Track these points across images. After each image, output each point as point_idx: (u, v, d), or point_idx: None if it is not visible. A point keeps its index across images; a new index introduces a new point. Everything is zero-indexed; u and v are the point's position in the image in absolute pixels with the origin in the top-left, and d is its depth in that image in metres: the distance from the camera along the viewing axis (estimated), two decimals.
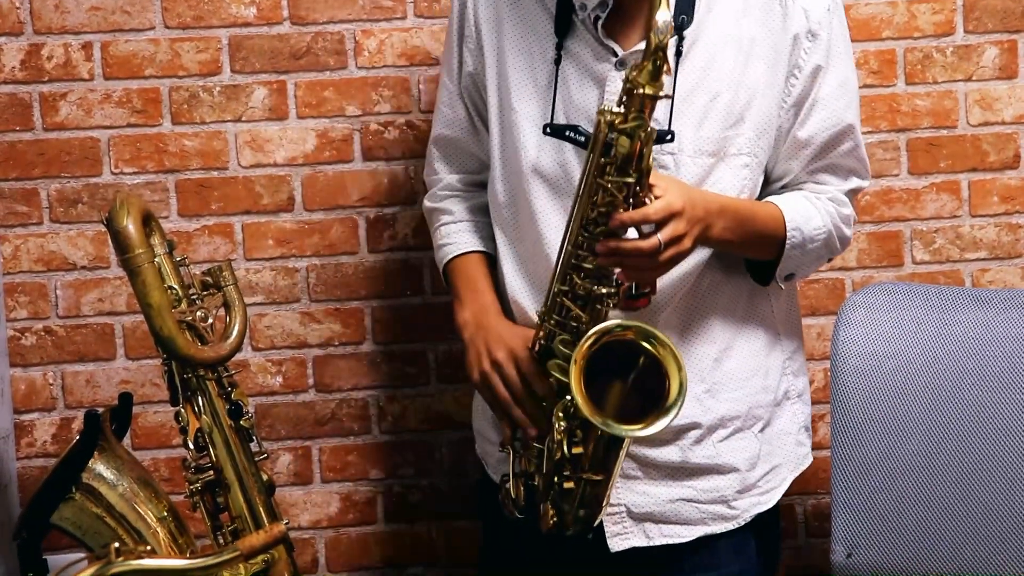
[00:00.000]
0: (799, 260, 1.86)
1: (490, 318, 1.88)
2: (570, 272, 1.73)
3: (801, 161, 1.87)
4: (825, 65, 1.83)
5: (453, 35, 1.96)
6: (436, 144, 2.02)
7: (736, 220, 1.78)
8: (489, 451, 1.96)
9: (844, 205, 1.90)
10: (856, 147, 1.89)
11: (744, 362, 1.88)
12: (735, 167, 1.81)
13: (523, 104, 1.85)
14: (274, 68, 2.34)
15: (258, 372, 2.37)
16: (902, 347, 2.08)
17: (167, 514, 1.83)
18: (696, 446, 1.85)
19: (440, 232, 2.00)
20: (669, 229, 1.68)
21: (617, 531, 1.86)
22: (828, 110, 1.85)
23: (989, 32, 2.38)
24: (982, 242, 2.42)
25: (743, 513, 1.88)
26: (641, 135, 1.64)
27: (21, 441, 2.35)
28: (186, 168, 2.34)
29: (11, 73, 2.31)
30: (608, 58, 1.80)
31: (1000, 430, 2.01)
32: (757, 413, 1.89)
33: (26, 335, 2.34)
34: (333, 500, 2.40)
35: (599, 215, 1.69)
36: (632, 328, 1.71)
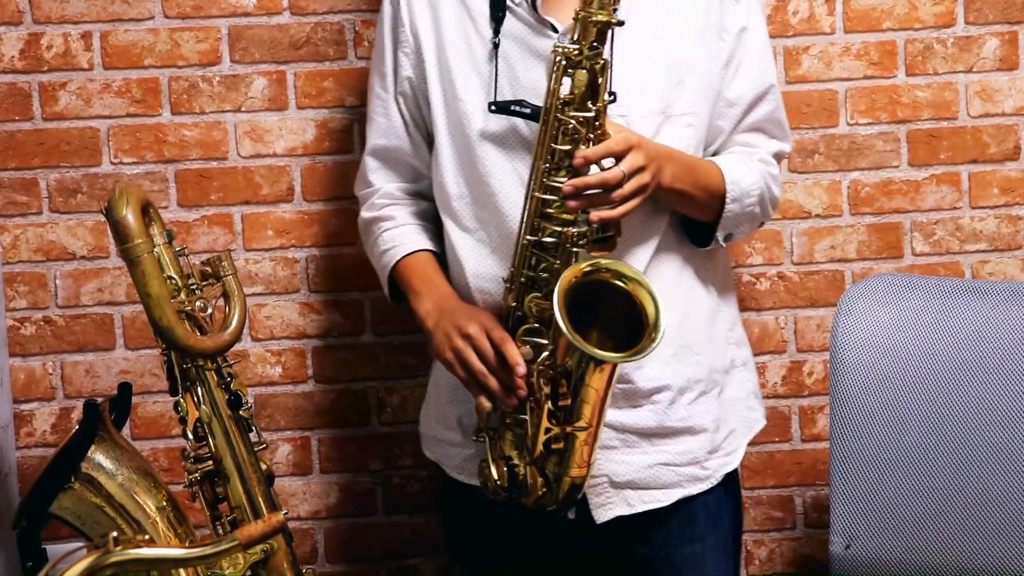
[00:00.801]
0: (737, 217, 1.92)
1: (452, 302, 1.90)
2: (538, 220, 1.78)
3: (730, 120, 1.95)
4: (748, 27, 1.93)
5: (386, 42, 1.97)
6: (373, 155, 2.02)
7: (684, 167, 1.85)
8: (451, 453, 1.98)
9: (772, 165, 1.98)
10: (777, 107, 1.99)
11: (700, 329, 1.95)
12: (680, 127, 1.89)
13: (469, 93, 1.88)
14: (274, 58, 2.33)
15: (257, 362, 2.37)
16: (902, 339, 2.08)
17: (166, 504, 1.84)
18: (670, 408, 1.91)
19: (383, 238, 2.00)
20: (629, 159, 1.74)
21: (601, 502, 1.90)
22: (753, 70, 1.94)
23: (990, 23, 2.38)
24: (982, 234, 2.41)
25: (715, 473, 1.96)
26: (597, 66, 1.73)
27: (20, 431, 2.35)
28: (185, 158, 2.34)
29: (10, 63, 2.30)
30: (548, 33, 1.86)
31: (999, 421, 2.01)
32: (715, 378, 1.96)
33: (25, 325, 2.34)
34: (332, 491, 2.40)
35: (561, 156, 1.76)
36: (606, 267, 1.77)
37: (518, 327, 1.82)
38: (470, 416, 1.91)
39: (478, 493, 1.89)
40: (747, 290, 2.41)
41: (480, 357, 1.81)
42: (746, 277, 2.41)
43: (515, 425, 1.83)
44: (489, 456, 1.85)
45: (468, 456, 1.94)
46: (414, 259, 1.97)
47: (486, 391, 1.82)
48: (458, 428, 1.96)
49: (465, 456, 1.95)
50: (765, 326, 2.41)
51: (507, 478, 1.84)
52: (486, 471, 1.85)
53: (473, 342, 1.82)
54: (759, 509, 2.44)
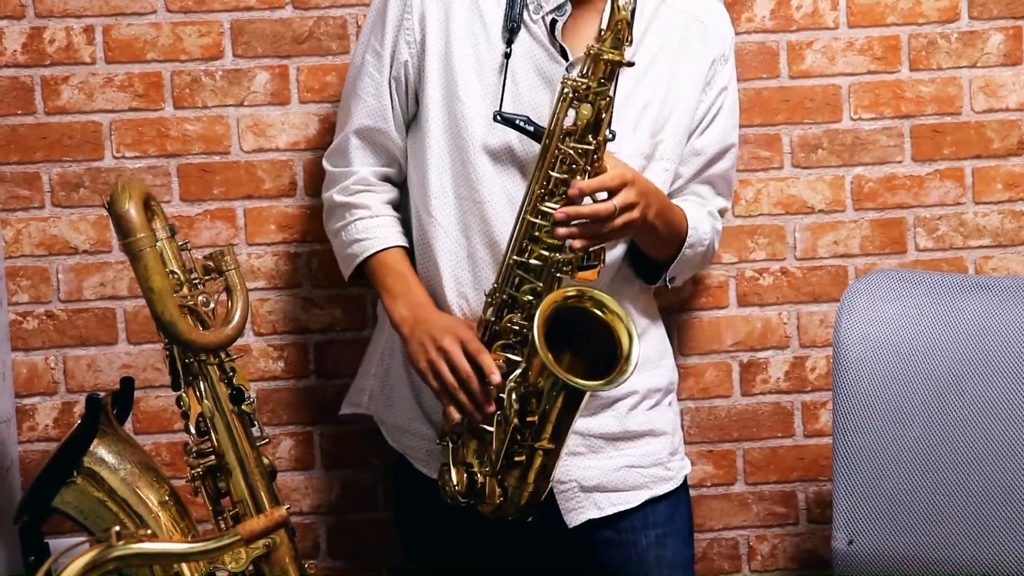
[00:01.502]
0: (689, 260, 2.02)
1: (428, 311, 1.93)
2: (526, 242, 1.83)
3: (691, 168, 2.03)
4: (727, 87, 2.03)
5: (388, 24, 1.96)
6: (358, 134, 2.02)
7: (663, 207, 1.92)
8: (416, 445, 2.01)
9: (717, 220, 2.08)
10: (732, 167, 2.09)
11: (655, 344, 2.07)
12: (658, 171, 1.96)
13: (471, 97, 1.91)
14: (276, 52, 2.33)
15: (260, 357, 2.37)
16: (905, 334, 2.07)
17: (168, 498, 1.84)
18: (631, 413, 1.99)
19: (356, 226, 2.01)
20: (622, 196, 1.81)
21: (571, 506, 1.96)
22: (721, 126, 2.03)
23: (994, 18, 2.38)
24: (985, 229, 2.41)
25: (677, 474, 2.06)
26: (602, 102, 1.78)
27: (23, 425, 2.35)
28: (188, 152, 2.34)
29: (13, 57, 2.30)
30: (559, 59, 1.90)
31: (1002, 417, 2.01)
32: (670, 388, 2.06)
33: (28, 319, 2.34)
34: (334, 486, 2.40)
35: (557, 184, 1.80)
36: (587, 295, 1.84)
37: (494, 341, 1.86)
38: (438, 409, 1.93)
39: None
40: (750, 285, 2.40)
41: (452, 369, 1.84)
42: (749, 272, 2.40)
43: (480, 433, 1.86)
44: (450, 460, 1.88)
45: (434, 450, 1.96)
46: (388, 256, 1.98)
47: (456, 404, 1.85)
48: (429, 422, 1.99)
49: (430, 450, 1.97)
50: (768, 321, 2.41)
51: (465, 485, 1.86)
52: (446, 475, 1.89)
53: (447, 355, 1.85)
54: (762, 505, 2.43)
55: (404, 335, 1.93)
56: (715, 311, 2.40)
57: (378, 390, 2.09)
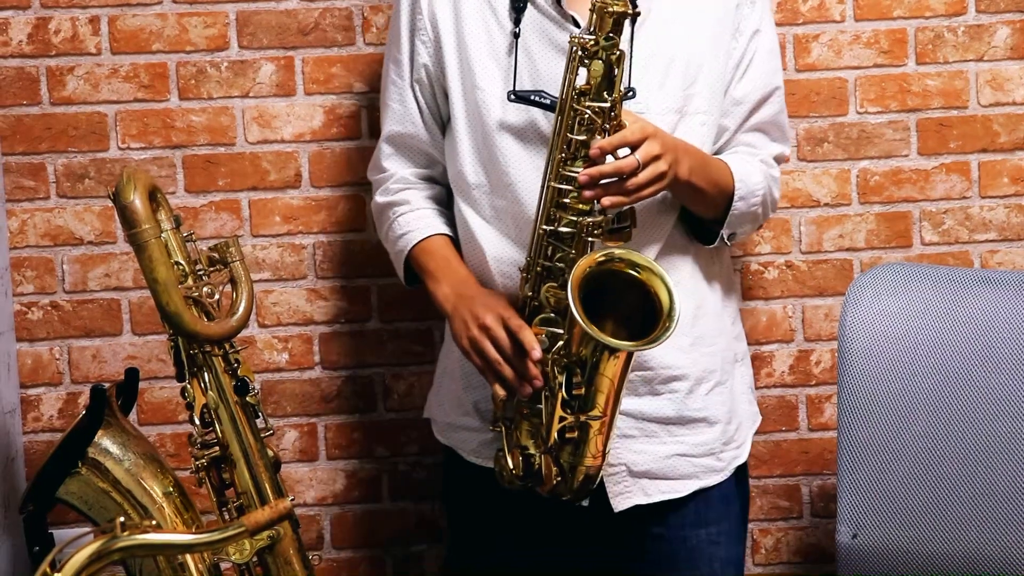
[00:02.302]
0: (742, 216, 1.94)
1: (470, 288, 1.91)
2: (554, 209, 1.80)
3: (735, 119, 1.96)
4: (760, 28, 1.96)
5: (402, 29, 1.97)
6: (388, 142, 2.03)
7: (699, 163, 1.87)
8: (467, 438, 1.99)
9: (773, 167, 2.01)
10: (781, 110, 2.01)
11: (712, 320, 1.98)
12: (694, 125, 1.91)
13: (488, 82, 1.89)
14: (281, 44, 2.33)
15: (264, 349, 2.37)
16: (910, 328, 2.07)
17: (173, 489, 1.84)
18: (688, 397, 1.94)
19: (399, 223, 2.01)
20: (645, 148, 1.75)
21: (619, 490, 1.92)
22: (761, 71, 1.96)
23: (1001, 12, 2.37)
24: (991, 223, 2.41)
25: (728, 465, 1.99)
26: (613, 57, 1.74)
27: (27, 416, 2.35)
28: (193, 144, 2.34)
29: (18, 47, 2.30)
30: (569, 27, 1.86)
31: (1007, 412, 2.01)
32: (726, 368, 2.00)
33: (33, 310, 2.34)
34: (339, 477, 2.40)
35: (577, 146, 1.76)
36: (621, 257, 1.79)
37: (534, 316, 1.83)
38: (486, 402, 1.92)
39: (492, 475, 1.90)
40: (755, 279, 2.40)
41: (496, 346, 1.82)
42: (754, 266, 2.40)
43: (531, 415, 1.84)
44: (505, 445, 1.86)
45: (485, 440, 1.95)
46: (430, 243, 1.98)
47: (501, 380, 1.83)
48: (475, 414, 1.97)
49: (482, 440, 1.96)
50: (773, 315, 2.40)
51: (522, 467, 1.84)
52: (502, 460, 1.86)
53: (489, 332, 1.83)
54: (766, 498, 2.43)
55: (448, 313, 1.92)
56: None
57: (435, 391, 2.09)
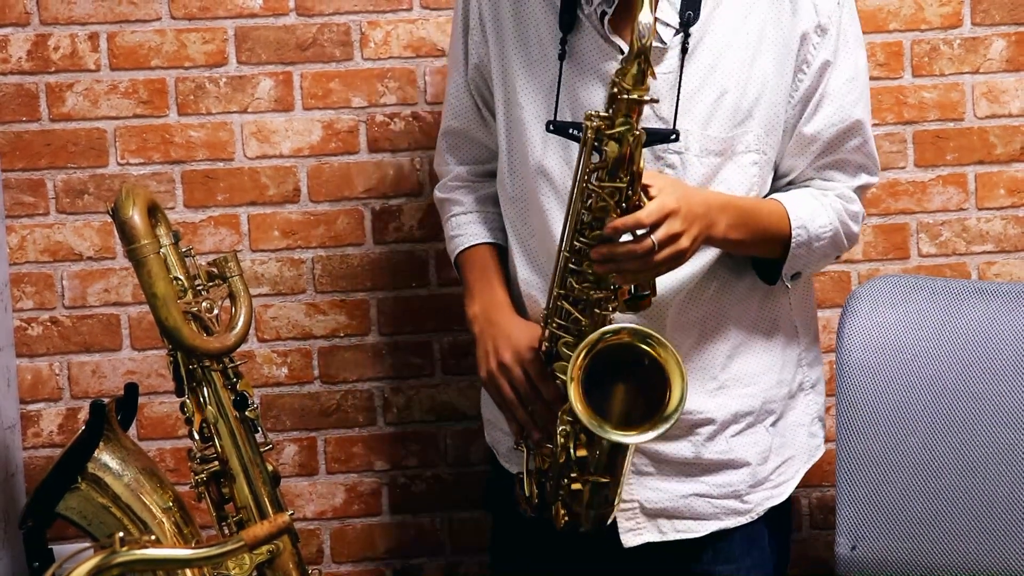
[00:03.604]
0: (805, 259, 1.85)
1: (500, 314, 1.88)
2: (568, 276, 1.73)
3: (807, 158, 1.85)
4: (833, 60, 1.81)
5: (458, 26, 1.95)
6: (445, 135, 2.02)
7: (741, 217, 1.76)
8: (500, 439, 1.96)
9: (852, 202, 1.88)
10: (865, 143, 1.87)
11: (758, 358, 1.87)
12: (743, 164, 1.80)
13: (528, 101, 1.84)
14: (280, 59, 2.34)
15: (263, 363, 2.38)
16: (908, 340, 2.07)
17: (172, 504, 1.84)
18: (709, 442, 1.85)
19: (451, 223, 2.00)
20: (664, 229, 1.66)
21: (630, 527, 1.86)
22: (835, 106, 1.82)
23: (996, 24, 2.38)
24: (988, 235, 2.41)
25: (756, 507, 1.89)
26: (630, 139, 1.63)
27: (27, 431, 2.35)
28: (192, 159, 2.34)
29: (17, 64, 2.31)
30: (615, 56, 1.77)
31: (1005, 423, 2.01)
32: (771, 408, 1.89)
33: (32, 325, 2.35)
34: (338, 491, 2.41)
35: (593, 220, 1.68)
36: (626, 331, 1.70)
37: (552, 360, 1.78)
38: None
39: None
40: None
41: (512, 387, 1.81)
42: None
43: (548, 453, 1.82)
44: (525, 470, 1.84)
45: (514, 449, 1.89)
46: (474, 253, 1.95)
47: (514, 419, 1.83)
48: None
49: (511, 447, 1.90)
50: None
51: (537, 498, 1.84)
52: (522, 486, 1.85)
53: (507, 371, 1.82)
54: None
55: (474, 334, 1.90)
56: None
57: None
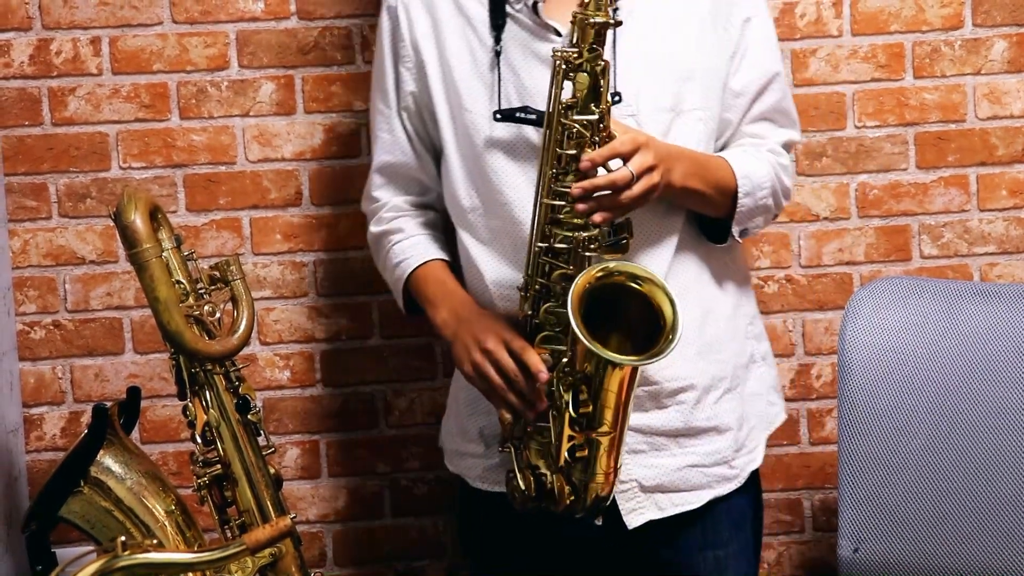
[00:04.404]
0: (751, 211, 1.92)
1: (470, 311, 1.89)
2: (548, 226, 1.78)
3: (737, 112, 1.93)
4: (752, 16, 1.93)
5: (385, 58, 1.97)
6: (380, 172, 2.02)
7: (694, 166, 1.84)
8: (473, 464, 1.97)
9: (781, 155, 1.97)
10: (784, 96, 1.98)
11: (722, 326, 1.95)
12: (691, 122, 1.88)
13: (475, 103, 1.88)
14: (281, 63, 2.34)
15: (266, 366, 2.38)
16: (910, 342, 2.07)
17: (175, 508, 1.84)
18: (696, 408, 1.91)
19: (394, 251, 2.00)
20: (638, 159, 1.73)
21: (632, 507, 1.89)
22: (758, 59, 1.93)
23: (998, 25, 2.38)
24: (990, 236, 2.41)
25: (742, 471, 1.96)
26: (599, 67, 1.72)
27: (30, 435, 2.36)
28: (194, 163, 2.35)
29: (20, 68, 2.31)
30: (551, 37, 1.85)
31: (1008, 425, 2.01)
32: (738, 374, 1.97)
33: (35, 329, 2.35)
34: (340, 494, 2.41)
35: (568, 161, 1.75)
36: (620, 270, 1.76)
37: (536, 335, 1.82)
38: (492, 427, 1.91)
39: (501, 500, 1.88)
40: (755, 293, 2.40)
41: (499, 370, 1.81)
42: (754, 280, 2.40)
43: (539, 434, 1.83)
44: (516, 467, 1.84)
45: (490, 466, 1.94)
46: (427, 269, 1.97)
47: (506, 404, 1.82)
48: (479, 440, 1.95)
49: (487, 466, 1.94)
50: (773, 329, 2.41)
51: (535, 488, 1.83)
52: (514, 482, 1.85)
53: (492, 356, 1.81)
54: (768, 512, 2.42)
55: (448, 339, 1.90)
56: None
57: (445, 419, 2.07)
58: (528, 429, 1.84)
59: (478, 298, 1.92)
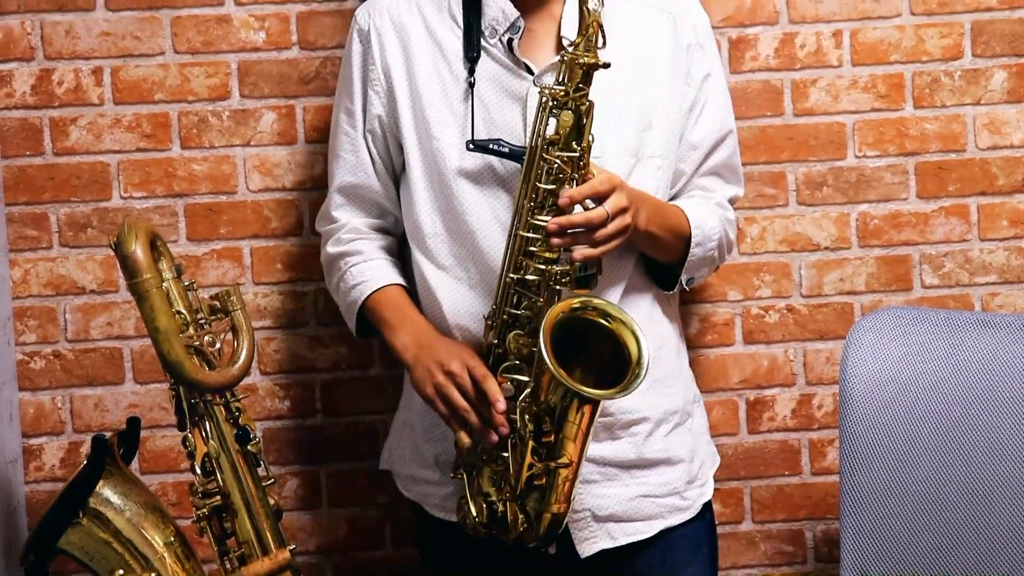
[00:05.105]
0: (700, 260, 1.98)
1: (431, 336, 1.91)
2: (521, 257, 1.81)
3: (691, 163, 2.00)
4: (711, 73, 2.00)
5: (354, 79, 1.98)
6: (340, 192, 2.04)
7: (656, 211, 1.90)
8: (430, 492, 1.99)
9: (728, 210, 2.05)
10: (734, 153, 2.06)
11: (672, 361, 2.00)
12: (651, 168, 1.93)
13: (444, 132, 1.90)
14: (283, 93, 2.35)
15: (266, 396, 2.37)
16: (911, 372, 2.07)
17: (174, 539, 1.83)
18: (648, 440, 1.95)
19: (352, 273, 2.01)
20: (613, 200, 1.78)
21: (584, 536, 1.93)
22: (714, 115, 2.01)
23: (997, 56, 2.38)
24: (991, 266, 2.41)
25: (694, 503, 2.01)
26: (583, 107, 1.77)
27: (29, 465, 2.35)
28: (195, 192, 2.35)
29: (22, 98, 2.32)
30: (523, 75, 1.88)
31: (1009, 455, 2.00)
32: (688, 409, 2.02)
33: (35, 359, 2.35)
34: (341, 524, 2.40)
35: (545, 196, 1.78)
36: (596, 306, 1.81)
37: (499, 364, 1.84)
38: (447, 454, 1.93)
39: (459, 528, 1.90)
40: (756, 323, 2.40)
41: (462, 393, 1.83)
42: (755, 310, 2.40)
43: (494, 461, 1.85)
44: (468, 493, 1.87)
45: (448, 494, 1.95)
46: (385, 293, 1.98)
47: (467, 428, 1.83)
48: (435, 467, 1.97)
49: (445, 494, 1.96)
50: (774, 359, 2.40)
51: (486, 515, 1.85)
52: (465, 508, 1.87)
53: (455, 378, 1.83)
54: (769, 543, 2.42)
55: (408, 363, 1.91)
56: (721, 348, 2.40)
57: (395, 443, 2.09)
58: (484, 457, 1.85)
59: (435, 325, 1.94)
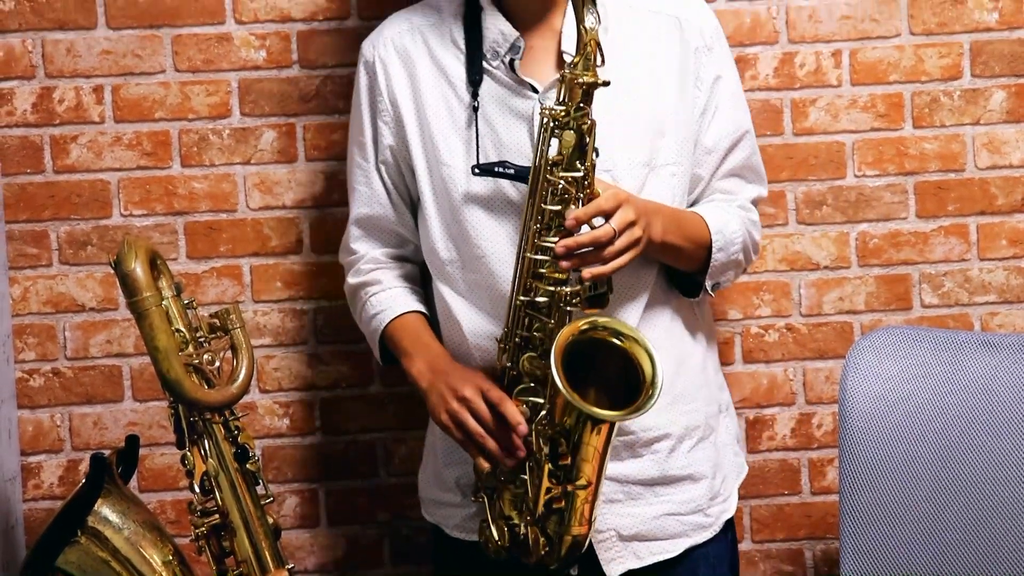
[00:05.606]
0: (723, 265, 1.95)
1: (445, 363, 1.91)
2: (530, 280, 1.80)
3: (708, 167, 1.98)
4: (722, 75, 1.97)
5: (363, 111, 1.99)
6: (357, 224, 2.04)
7: (672, 221, 1.88)
8: (450, 514, 1.98)
9: (751, 210, 2.03)
10: (754, 153, 2.03)
11: (694, 376, 1.98)
12: (665, 177, 1.91)
13: (453, 157, 1.90)
14: (283, 111, 2.35)
15: (265, 414, 2.37)
16: (911, 391, 2.07)
17: (172, 558, 1.83)
18: (671, 456, 1.93)
19: (371, 303, 2.02)
20: (620, 215, 1.76)
21: (610, 556, 1.91)
22: (728, 116, 1.98)
23: (996, 76, 2.39)
24: (991, 285, 2.41)
25: (717, 520, 1.98)
26: (585, 126, 1.76)
27: (28, 483, 2.35)
28: (195, 210, 2.35)
29: (22, 116, 2.32)
30: (527, 94, 1.88)
31: (1009, 475, 2.00)
32: (711, 423, 1.99)
33: (34, 377, 2.34)
34: (340, 543, 2.39)
35: (551, 216, 1.77)
36: (605, 325, 1.80)
37: (513, 386, 1.83)
38: (468, 477, 1.92)
39: (479, 550, 1.89)
40: (755, 342, 2.40)
41: (477, 418, 1.82)
42: (754, 329, 2.40)
43: (513, 483, 1.84)
44: (489, 516, 1.86)
45: (468, 515, 1.95)
46: (403, 321, 1.98)
47: (484, 453, 1.82)
48: (456, 489, 1.97)
49: (465, 515, 1.95)
50: (774, 378, 2.40)
51: (508, 538, 1.84)
52: (487, 532, 1.86)
53: (469, 404, 1.83)
54: (769, 563, 2.42)
55: (423, 389, 1.91)
56: (721, 367, 2.40)
57: (422, 468, 2.09)
58: (502, 479, 1.84)
59: (456, 349, 1.93)
